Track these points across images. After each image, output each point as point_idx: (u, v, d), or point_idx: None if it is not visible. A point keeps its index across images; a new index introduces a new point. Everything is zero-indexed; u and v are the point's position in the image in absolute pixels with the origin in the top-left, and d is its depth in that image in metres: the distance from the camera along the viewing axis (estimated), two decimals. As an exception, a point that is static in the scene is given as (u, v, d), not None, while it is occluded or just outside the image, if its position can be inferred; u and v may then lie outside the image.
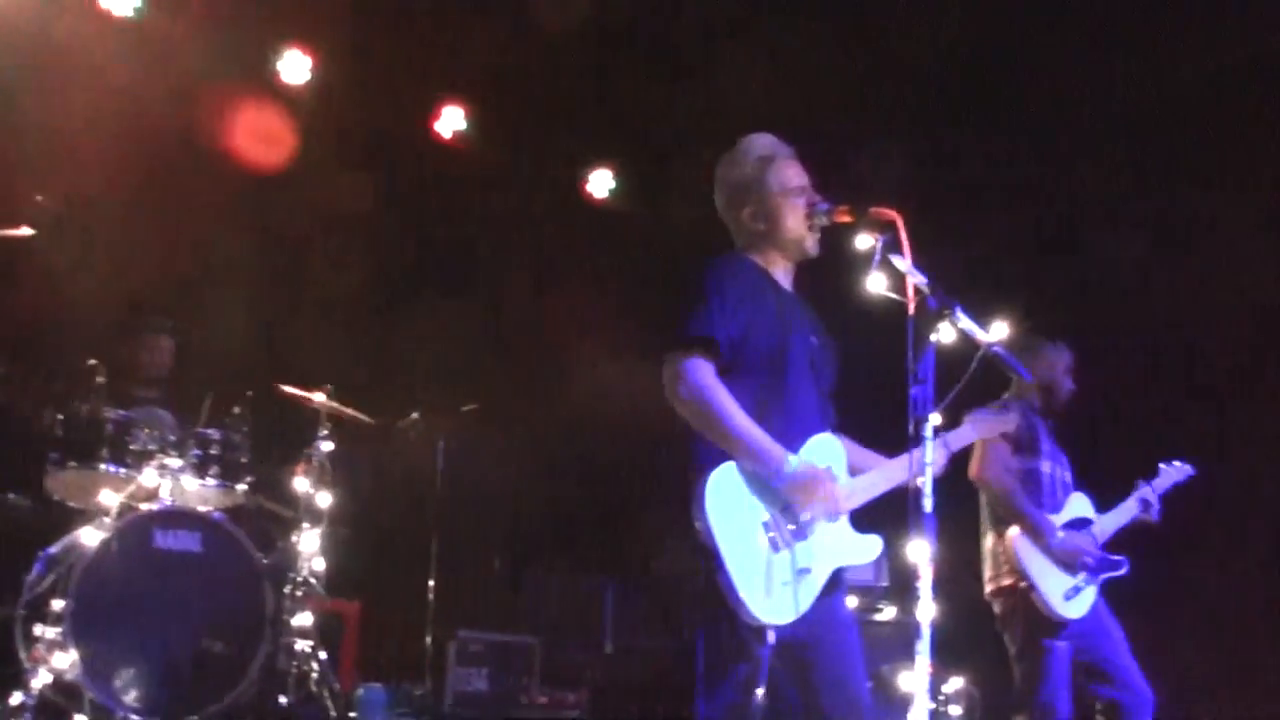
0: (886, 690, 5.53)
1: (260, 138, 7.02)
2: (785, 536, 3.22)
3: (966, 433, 3.76)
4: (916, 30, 6.92)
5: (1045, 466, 5.10)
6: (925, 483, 3.08)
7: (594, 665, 6.93)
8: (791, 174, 3.58)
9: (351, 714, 5.33)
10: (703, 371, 3.25)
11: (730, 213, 3.63)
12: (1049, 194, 7.20)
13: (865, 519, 3.47)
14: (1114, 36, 6.78)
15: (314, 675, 5.49)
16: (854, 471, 3.49)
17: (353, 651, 6.75)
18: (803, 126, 3.86)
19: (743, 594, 3.10)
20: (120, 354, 5.91)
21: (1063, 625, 4.81)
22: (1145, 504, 5.15)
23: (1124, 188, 6.92)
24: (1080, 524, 5.02)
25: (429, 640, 6.32)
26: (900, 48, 7.05)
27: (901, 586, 6.30)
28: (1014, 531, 4.89)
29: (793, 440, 3.35)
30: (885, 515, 3.48)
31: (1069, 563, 4.85)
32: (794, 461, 3.20)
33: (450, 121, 7.79)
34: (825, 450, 3.40)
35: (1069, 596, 4.82)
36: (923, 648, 2.96)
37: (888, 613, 6.47)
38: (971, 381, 3.34)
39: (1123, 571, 4.95)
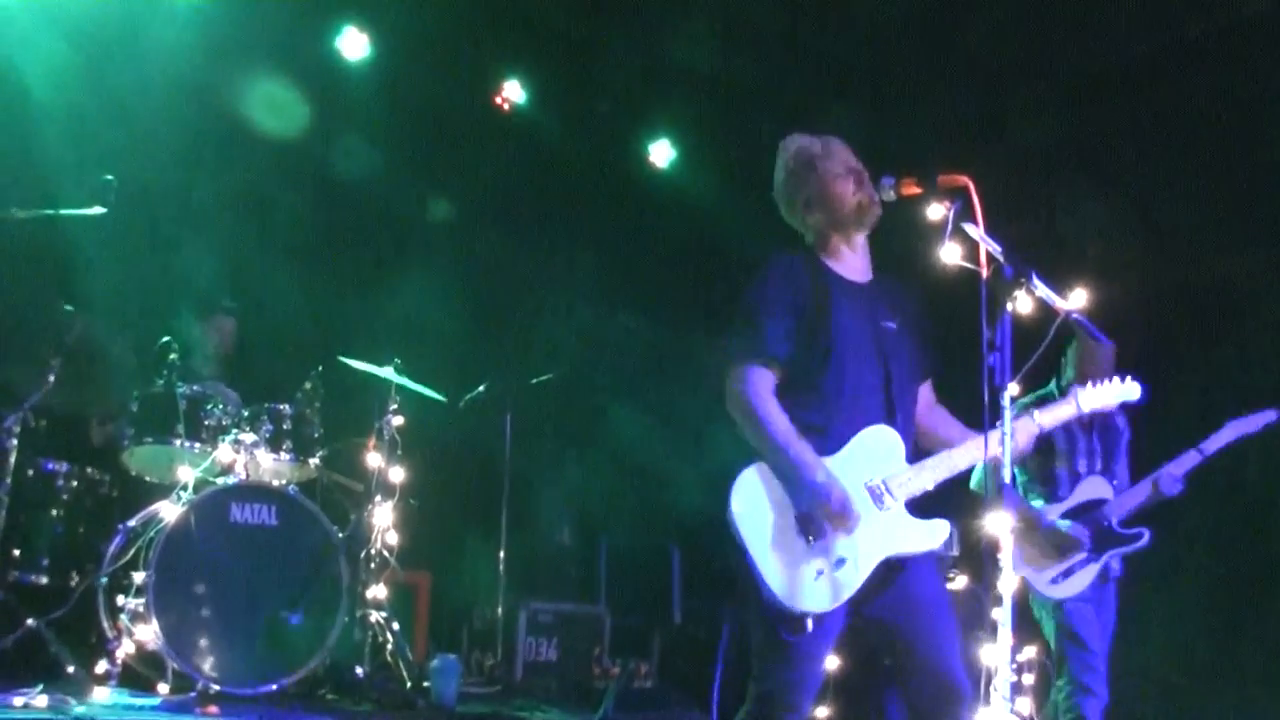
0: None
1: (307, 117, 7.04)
2: (819, 529, 3.22)
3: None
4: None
5: (1059, 464, 5.18)
6: (1004, 453, 3.04)
7: (662, 634, 6.95)
8: (839, 157, 3.55)
9: (425, 683, 5.40)
10: (755, 386, 3.35)
11: (792, 215, 3.61)
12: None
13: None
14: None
15: (389, 645, 5.59)
16: (942, 448, 3.45)
17: (425, 622, 6.84)
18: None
19: (770, 582, 3.18)
20: (190, 334, 5.97)
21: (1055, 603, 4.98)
22: (1156, 483, 4.99)
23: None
24: (1094, 505, 5.05)
25: (500, 611, 6.38)
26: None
27: (972, 556, 6.26)
28: None
29: (844, 433, 3.35)
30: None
31: (1058, 546, 4.94)
32: (821, 476, 3.21)
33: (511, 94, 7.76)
34: (876, 443, 3.36)
35: (1056, 581, 4.96)
36: (1004, 618, 2.93)
37: (958, 582, 6.42)
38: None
39: (1139, 544, 4.96)
